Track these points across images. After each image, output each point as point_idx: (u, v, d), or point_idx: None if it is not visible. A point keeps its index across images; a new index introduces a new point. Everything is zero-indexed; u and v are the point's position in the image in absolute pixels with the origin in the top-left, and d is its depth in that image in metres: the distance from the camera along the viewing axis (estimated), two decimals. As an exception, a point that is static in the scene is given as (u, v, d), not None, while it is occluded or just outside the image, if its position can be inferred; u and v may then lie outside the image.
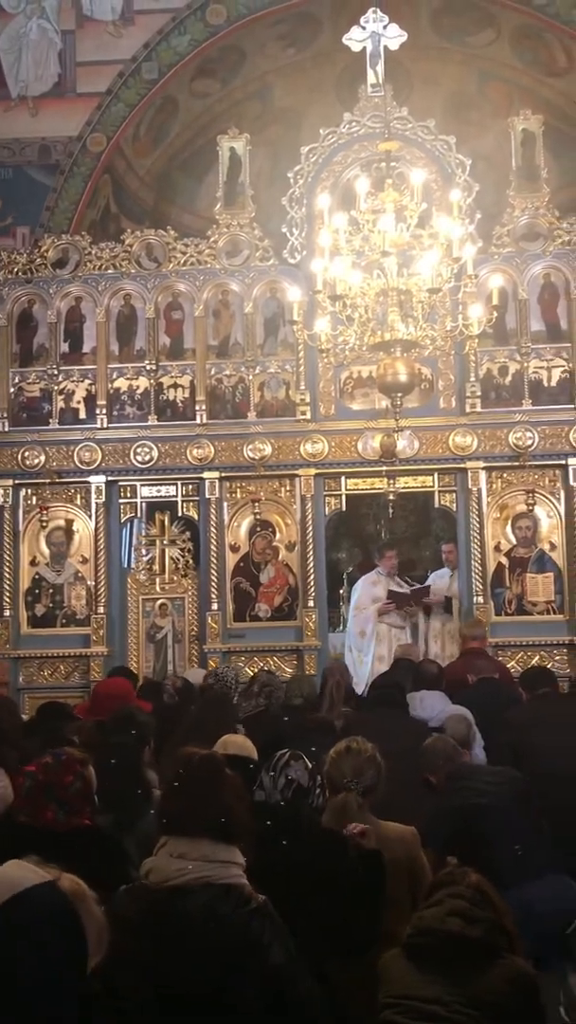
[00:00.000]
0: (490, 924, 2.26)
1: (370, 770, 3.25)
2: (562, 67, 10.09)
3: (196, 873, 2.05)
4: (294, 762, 3.02)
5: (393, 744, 3.96)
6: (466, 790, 3.85)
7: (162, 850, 2.11)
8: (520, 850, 3.57)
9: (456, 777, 4.04)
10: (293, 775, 2.97)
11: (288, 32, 10.35)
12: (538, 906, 3.47)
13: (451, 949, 2.24)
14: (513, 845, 3.57)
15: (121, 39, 9.98)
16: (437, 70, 10.58)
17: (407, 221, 5.75)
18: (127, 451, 8.87)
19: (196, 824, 2.09)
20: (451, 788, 4.02)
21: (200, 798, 2.12)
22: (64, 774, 2.77)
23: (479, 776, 4.00)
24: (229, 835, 2.11)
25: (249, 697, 5.60)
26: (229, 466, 8.79)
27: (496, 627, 8.39)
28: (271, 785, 2.98)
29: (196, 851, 2.07)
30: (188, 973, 1.97)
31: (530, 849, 3.65)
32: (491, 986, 2.22)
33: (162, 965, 1.99)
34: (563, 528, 8.61)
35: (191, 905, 2.01)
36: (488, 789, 3.80)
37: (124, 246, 9.13)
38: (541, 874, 3.61)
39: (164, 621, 9.05)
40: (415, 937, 2.31)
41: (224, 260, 8.99)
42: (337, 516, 9.23)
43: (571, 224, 8.80)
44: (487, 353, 8.65)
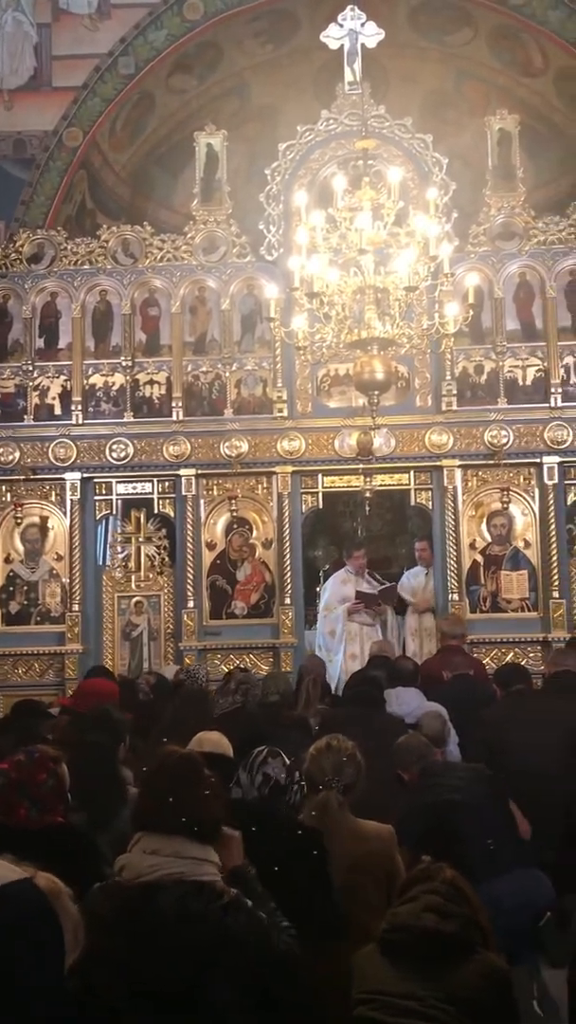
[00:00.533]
0: (464, 920, 2.27)
1: (350, 768, 3.26)
2: (538, 68, 10.14)
3: (168, 869, 2.04)
4: (271, 759, 3.02)
5: (370, 741, 3.97)
6: (438, 787, 3.88)
7: (136, 846, 2.10)
8: (492, 845, 3.60)
9: (429, 774, 4.06)
10: (271, 772, 2.97)
11: (266, 28, 10.32)
12: (508, 901, 3.50)
13: (426, 945, 2.24)
14: (485, 841, 3.59)
15: (97, 33, 9.91)
16: (414, 68, 10.60)
17: (384, 219, 5.76)
18: (103, 448, 8.82)
19: (170, 821, 2.08)
20: (423, 785, 4.04)
21: (175, 796, 2.11)
22: (37, 772, 2.76)
23: (452, 773, 4.02)
24: (203, 833, 2.11)
25: (226, 694, 5.59)
26: (205, 463, 8.77)
27: (471, 624, 8.42)
28: (248, 783, 2.98)
29: (169, 847, 2.07)
30: (162, 970, 1.97)
31: (501, 845, 3.68)
32: (465, 981, 2.23)
33: (136, 962, 1.98)
34: (537, 526, 8.67)
35: (163, 902, 2.01)
36: (460, 785, 3.82)
37: (100, 241, 9.09)
38: (511, 869, 3.64)
39: (140, 619, 9.02)
40: (390, 933, 2.31)
41: (201, 256, 8.97)
42: (314, 514, 9.24)
43: (546, 224, 8.86)
44: (463, 352, 8.69)
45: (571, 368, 8.75)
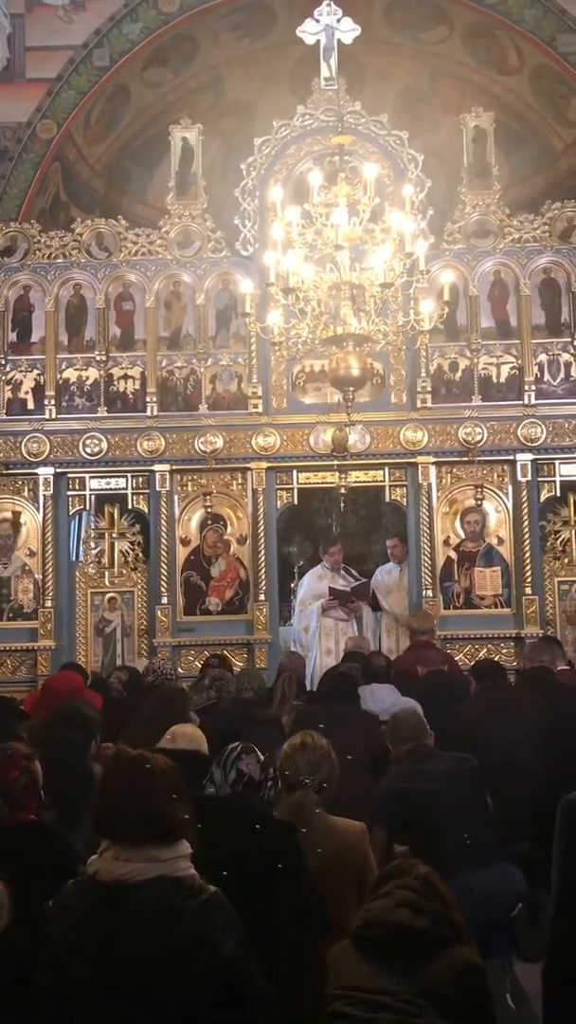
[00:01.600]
0: (438, 915, 2.27)
1: (325, 766, 3.25)
2: (513, 65, 10.18)
3: (145, 874, 2.03)
4: (245, 755, 3.01)
5: (344, 738, 3.97)
6: (420, 773, 3.88)
7: (107, 853, 2.08)
8: (469, 839, 3.61)
9: (415, 757, 4.06)
10: (244, 768, 2.96)
11: (242, 23, 10.28)
12: (480, 893, 3.51)
13: (399, 940, 2.24)
14: (462, 834, 3.61)
15: (72, 25, 9.82)
16: (390, 65, 10.60)
17: (360, 215, 5.76)
18: (76, 443, 8.77)
19: (135, 830, 2.06)
20: (405, 767, 4.04)
21: (132, 805, 2.08)
22: (9, 769, 2.73)
23: (436, 760, 4.02)
24: (169, 835, 2.09)
25: (200, 690, 5.57)
26: (180, 459, 8.73)
27: (445, 620, 8.47)
28: (222, 779, 2.97)
29: (141, 855, 2.05)
30: (138, 964, 1.96)
31: (478, 839, 3.69)
32: (439, 976, 2.24)
33: (111, 956, 1.97)
34: (511, 523, 8.71)
35: (143, 897, 1.99)
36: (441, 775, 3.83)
37: (74, 235, 9.02)
38: (486, 863, 3.65)
39: (113, 615, 8.97)
40: (363, 929, 2.31)
41: (176, 251, 8.93)
42: (288, 510, 9.23)
43: (521, 222, 8.89)
44: (438, 349, 8.71)
45: (545, 366, 8.80)
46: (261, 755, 3.09)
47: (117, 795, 2.10)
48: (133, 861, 2.03)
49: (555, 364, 8.81)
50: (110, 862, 2.05)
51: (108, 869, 2.04)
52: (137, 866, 2.02)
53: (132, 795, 2.07)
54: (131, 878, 2.01)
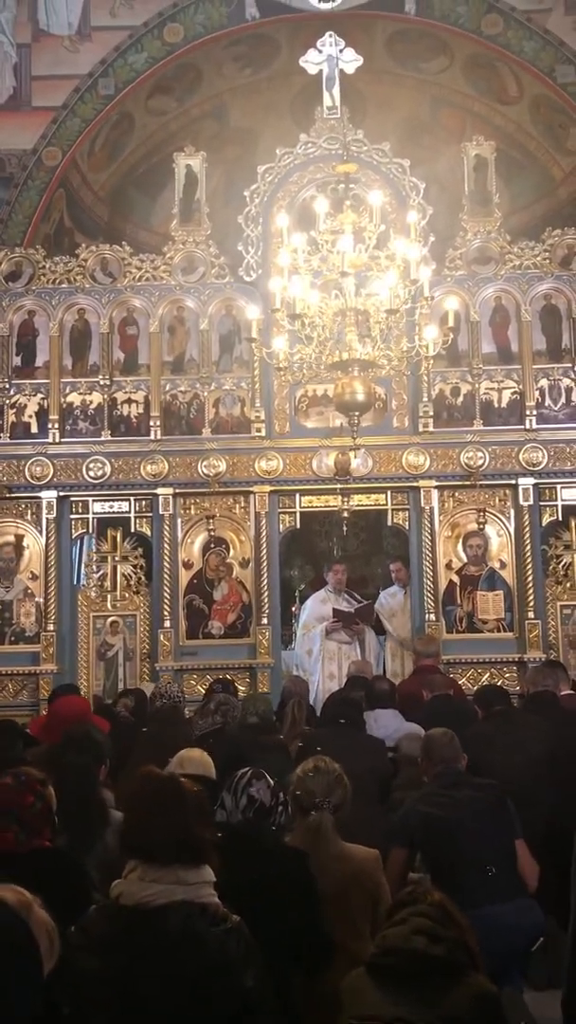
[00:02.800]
0: (453, 942, 2.26)
1: (338, 789, 3.25)
2: (513, 96, 10.31)
3: (171, 896, 2.03)
4: (256, 781, 3.00)
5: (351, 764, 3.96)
6: (446, 798, 3.85)
7: (132, 874, 2.08)
8: (492, 871, 3.59)
9: (442, 782, 4.03)
10: (255, 794, 2.95)
11: (245, 53, 10.43)
12: (501, 924, 3.49)
13: (415, 968, 2.23)
14: (486, 865, 3.59)
15: (77, 54, 9.96)
16: (391, 95, 10.74)
17: (366, 242, 5.82)
18: (79, 466, 8.79)
19: (164, 851, 2.07)
20: (432, 790, 4.01)
21: (164, 823, 2.09)
22: (25, 795, 2.72)
23: (465, 785, 3.98)
24: (198, 857, 2.09)
25: (205, 715, 5.56)
26: (183, 482, 8.76)
27: (447, 644, 8.46)
28: (232, 805, 2.96)
29: (169, 876, 2.05)
30: (161, 991, 1.95)
31: (503, 871, 3.67)
32: (455, 1004, 2.23)
33: (134, 982, 1.97)
34: (513, 547, 8.73)
35: (168, 922, 1.99)
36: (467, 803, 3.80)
37: (79, 260, 9.09)
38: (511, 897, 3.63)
39: (115, 639, 8.96)
40: (379, 957, 2.30)
41: (180, 277, 9.00)
42: (290, 533, 9.25)
43: (522, 249, 8.98)
44: (439, 374, 8.77)
45: (546, 391, 8.85)
46: (271, 781, 3.08)
47: (147, 815, 2.10)
48: (160, 882, 2.03)
49: (556, 389, 8.87)
50: (135, 883, 2.05)
51: (132, 891, 2.04)
52: (163, 888, 2.03)
53: (162, 816, 2.08)
54: (155, 900, 2.01)
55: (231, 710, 5.69)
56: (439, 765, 4.21)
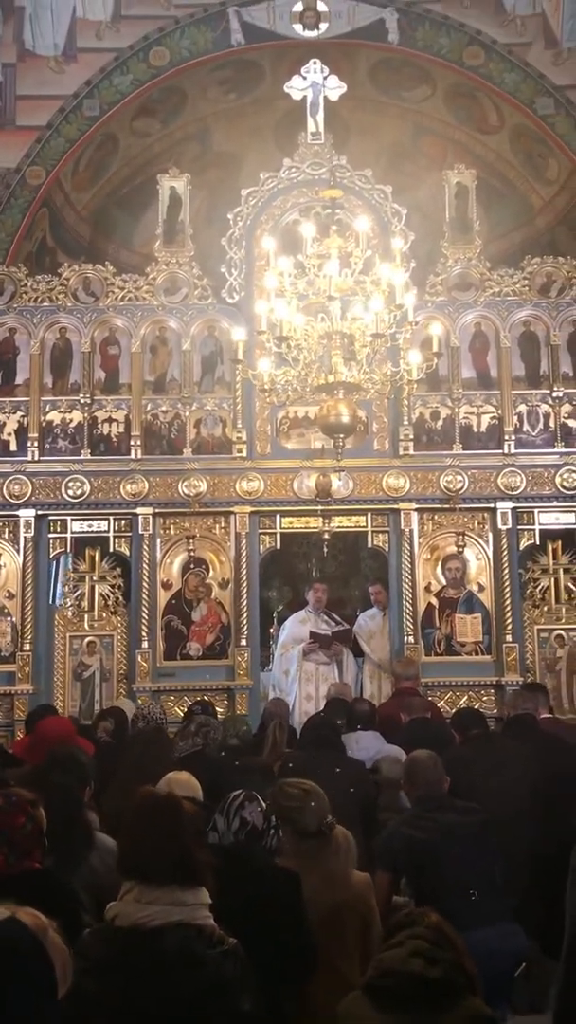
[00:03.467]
0: (451, 964, 2.26)
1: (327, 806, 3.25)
2: (494, 125, 10.47)
3: (167, 917, 2.01)
4: (248, 803, 2.99)
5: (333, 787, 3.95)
6: (429, 822, 3.85)
7: (128, 895, 2.07)
8: (475, 895, 3.59)
9: (425, 805, 4.03)
10: (248, 817, 2.94)
11: (230, 77, 10.52)
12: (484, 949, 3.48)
13: (413, 990, 2.23)
14: (469, 890, 3.59)
15: (63, 75, 10.00)
16: (374, 122, 10.87)
17: (352, 267, 5.87)
18: (58, 485, 8.75)
19: (161, 871, 2.05)
20: (414, 813, 4.01)
21: (163, 843, 2.08)
22: (16, 816, 2.69)
23: (448, 809, 3.98)
24: (195, 877, 2.08)
25: (186, 736, 5.53)
26: (163, 502, 8.74)
27: (425, 667, 8.47)
28: (225, 827, 2.95)
29: (165, 897, 2.04)
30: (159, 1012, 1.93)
31: (485, 895, 3.67)
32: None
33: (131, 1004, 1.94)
34: (491, 570, 8.78)
35: (166, 945, 1.97)
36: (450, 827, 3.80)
37: (61, 279, 9.09)
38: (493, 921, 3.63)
39: (92, 659, 8.89)
40: (376, 979, 2.29)
41: (162, 297, 9.02)
42: (268, 554, 9.24)
43: (501, 276, 9.09)
44: (420, 398, 8.84)
45: (524, 416, 8.94)
46: (263, 803, 3.07)
47: (145, 835, 2.09)
48: (157, 903, 2.02)
49: (534, 415, 8.96)
50: (131, 904, 2.04)
51: (128, 912, 2.02)
52: (160, 908, 2.01)
53: (160, 836, 2.07)
54: (151, 921, 1.99)
55: (212, 732, 5.67)
56: (422, 788, 4.21)
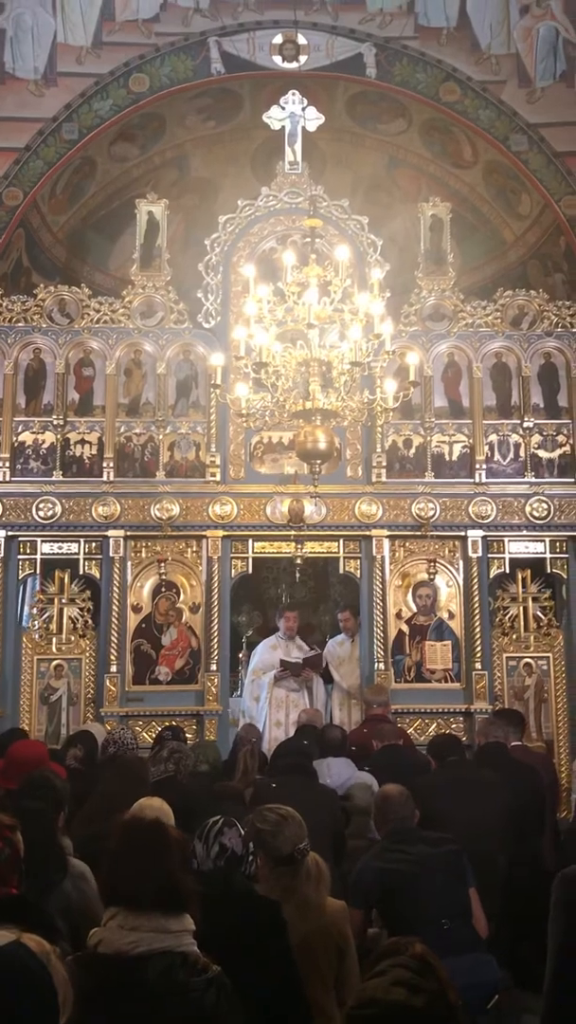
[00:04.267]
0: (433, 995, 2.24)
1: (304, 834, 3.23)
2: (468, 160, 10.66)
3: (151, 944, 1.99)
4: (227, 829, 2.97)
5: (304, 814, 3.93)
6: (399, 853, 3.85)
7: (112, 922, 2.04)
8: (447, 925, 3.58)
9: (396, 837, 4.02)
10: (227, 843, 2.92)
11: (208, 106, 10.61)
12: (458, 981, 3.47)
13: (395, 1019, 2.21)
14: (440, 919, 3.58)
15: (43, 98, 10.02)
16: (350, 153, 11.02)
17: (331, 296, 5.94)
18: (29, 506, 8.69)
19: (146, 897, 2.03)
20: (385, 846, 4.00)
21: (148, 869, 2.06)
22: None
23: (419, 841, 3.97)
24: (180, 904, 2.06)
25: (158, 762, 5.48)
26: (135, 525, 8.71)
27: (395, 694, 8.48)
28: (204, 853, 2.92)
29: (150, 924, 2.02)
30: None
31: (457, 925, 3.66)
32: (433, 1058, 2.20)
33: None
34: (461, 598, 8.84)
35: (150, 973, 1.95)
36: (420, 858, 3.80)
37: (36, 300, 9.08)
38: (463, 951, 3.62)
39: (59, 682, 8.79)
40: (358, 1008, 2.26)
41: (138, 320, 9.04)
42: (238, 579, 9.22)
43: (474, 308, 9.23)
44: (393, 426, 8.91)
45: (495, 446, 9.05)
46: (242, 829, 3.05)
47: (131, 861, 2.07)
48: (140, 930, 1.99)
49: (505, 444, 9.07)
50: (115, 931, 2.01)
51: (112, 939, 2.00)
52: (144, 935, 1.99)
53: (146, 862, 2.05)
54: (135, 948, 1.97)
55: (183, 758, 5.63)
56: (393, 822, 4.21)
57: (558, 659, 8.89)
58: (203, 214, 10.64)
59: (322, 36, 10.12)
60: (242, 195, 9.40)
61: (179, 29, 10.14)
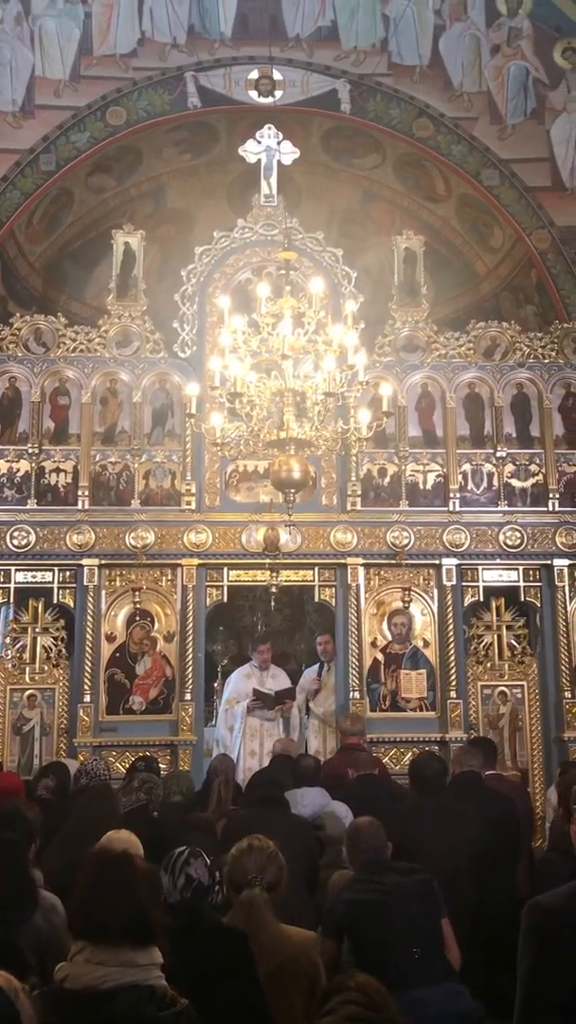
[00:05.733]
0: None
1: (272, 867, 3.22)
2: (441, 194, 10.85)
3: (119, 979, 1.98)
4: (193, 860, 2.96)
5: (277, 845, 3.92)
6: (371, 885, 3.84)
7: (79, 956, 2.03)
8: (418, 954, 3.57)
9: (368, 869, 4.01)
10: (193, 873, 2.91)
11: (185, 139, 10.76)
12: (430, 1010, 3.46)
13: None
14: (412, 949, 3.57)
15: (20, 130, 10.13)
16: (325, 186, 11.19)
17: (305, 327, 6.01)
18: (3, 535, 8.66)
19: (114, 931, 2.02)
20: (356, 878, 3.99)
21: (117, 902, 2.05)
22: (-38, 874, 2.63)
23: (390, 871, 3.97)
24: (148, 937, 2.05)
25: (128, 792, 5.44)
26: (110, 553, 8.69)
27: (370, 723, 8.44)
28: (170, 884, 2.91)
29: (117, 958, 2.00)
30: None
31: (429, 954, 3.65)
32: None
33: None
34: (436, 626, 8.86)
35: (117, 1008, 1.93)
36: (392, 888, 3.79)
37: (12, 329, 9.10)
38: (438, 981, 3.61)
39: (32, 712, 8.71)
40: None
41: (114, 350, 9.07)
42: (213, 608, 9.20)
43: (447, 339, 9.34)
44: (367, 455, 8.97)
45: (469, 475, 9.13)
46: (208, 859, 3.04)
47: (98, 894, 2.05)
48: (107, 964, 1.98)
49: (478, 473, 9.15)
50: (82, 965, 2.00)
51: (79, 973, 1.98)
52: (111, 970, 1.98)
53: (115, 895, 2.03)
54: (103, 983, 1.96)
55: (155, 788, 5.59)
56: (366, 854, 4.20)
57: (532, 687, 8.92)
58: (179, 245, 10.75)
59: (297, 72, 10.30)
60: (218, 227, 9.51)
61: (156, 64, 10.30)
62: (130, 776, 6.05)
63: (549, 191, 10.35)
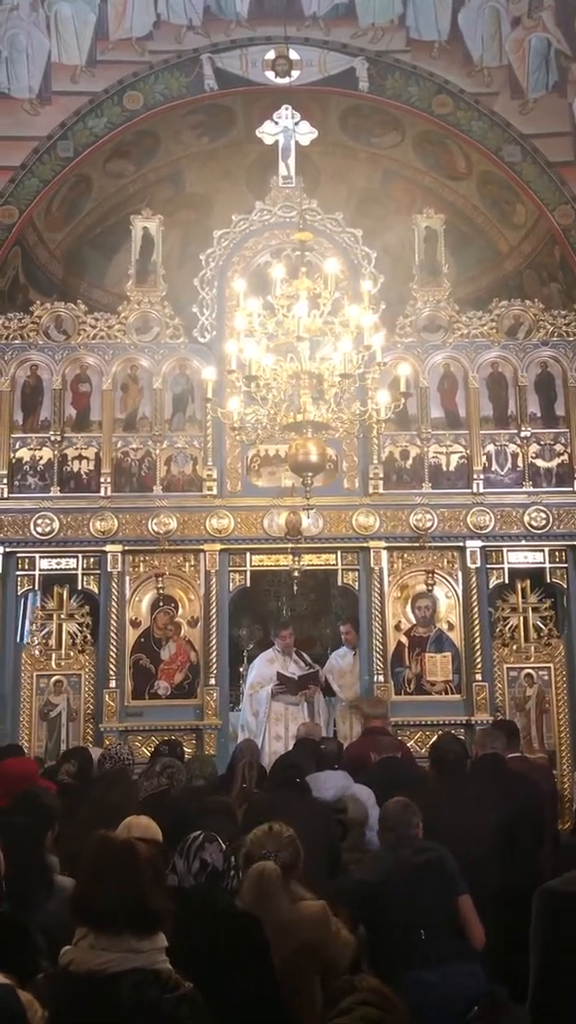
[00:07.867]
0: (400, 1023, 2.23)
1: (290, 849, 3.21)
2: (462, 172, 10.68)
3: (122, 965, 1.98)
4: (208, 844, 2.96)
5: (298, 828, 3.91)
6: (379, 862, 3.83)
7: (83, 942, 2.03)
8: (424, 934, 3.55)
9: (386, 846, 4.01)
10: (208, 858, 2.90)
11: (202, 122, 10.66)
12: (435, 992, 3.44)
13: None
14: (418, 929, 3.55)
15: (38, 117, 10.09)
16: (344, 166, 11.05)
17: (321, 308, 5.95)
18: (27, 522, 8.71)
19: (117, 919, 2.02)
20: (373, 854, 3.99)
21: (119, 890, 2.04)
22: (-28, 859, 2.65)
23: (404, 847, 3.95)
24: (150, 925, 2.05)
25: (150, 777, 5.46)
26: (133, 539, 8.72)
27: (395, 706, 8.45)
28: (184, 869, 2.90)
29: (120, 945, 2.00)
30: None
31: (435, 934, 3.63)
32: None
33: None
34: (460, 609, 8.81)
35: (120, 990, 1.94)
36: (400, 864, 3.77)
37: (33, 317, 9.12)
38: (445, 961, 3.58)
39: (59, 698, 8.79)
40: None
41: (134, 336, 9.07)
42: (238, 592, 9.21)
43: (469, 318, 9.24)
44: (389, 437, 8.91)
45: (492, 456, 9.04)
46: (223, 844, 3.04)
47: (101, 882, 2.05)
48: (111, 951, 1.98)
49: (502, 454, 9.06)
50: (86, 951, 2.00)
51: (83, 959, 1.99)
52: (115, 956, 1.98)
53: (117, 883, 2.03)
54: (107, 969, 1.96)
55: (176, 773, 5.61)
56: (390, 832, 4.19)
57: (559, 669, 8.85)
58: (198, 229, 10.68)
59: (314, 51, 10.16)
60: (237, 210, 9.45)
61: (172, 47, 10.21)
62: (153, 760, 6.07)
63: (572, 166, 10.15)
